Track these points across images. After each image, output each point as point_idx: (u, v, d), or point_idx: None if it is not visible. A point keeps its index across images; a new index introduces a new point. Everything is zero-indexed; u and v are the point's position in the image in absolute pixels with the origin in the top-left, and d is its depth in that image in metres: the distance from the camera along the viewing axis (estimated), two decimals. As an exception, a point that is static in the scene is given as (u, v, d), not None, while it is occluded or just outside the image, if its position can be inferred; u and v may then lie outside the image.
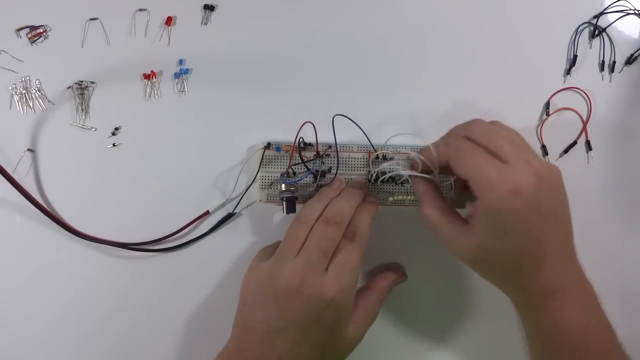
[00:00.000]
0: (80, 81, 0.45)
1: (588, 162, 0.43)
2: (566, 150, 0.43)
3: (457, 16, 0.45)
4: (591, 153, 0.43)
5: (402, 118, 0.44)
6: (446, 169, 0.36)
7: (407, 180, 0.41)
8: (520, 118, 0.44)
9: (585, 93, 0.44)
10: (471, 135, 0.34)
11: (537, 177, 0.32)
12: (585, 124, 0.44)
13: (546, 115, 0.44)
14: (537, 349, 0.36)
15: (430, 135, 0.40)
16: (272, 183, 0.43)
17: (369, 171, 0.42)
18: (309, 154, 0.42)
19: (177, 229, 0.43)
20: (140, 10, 0.46)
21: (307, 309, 0.34)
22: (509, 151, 0.32)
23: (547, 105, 0.44)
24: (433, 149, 0.36)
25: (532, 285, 0.34)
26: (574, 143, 0.43)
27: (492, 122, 0.37)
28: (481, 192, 0.32)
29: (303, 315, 0.34)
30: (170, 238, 0.44)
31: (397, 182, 0.42)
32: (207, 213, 0.44)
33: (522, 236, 0.32)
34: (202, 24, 0.46)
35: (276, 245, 0.38)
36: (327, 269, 0.36)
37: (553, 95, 0.44)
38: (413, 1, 0.45)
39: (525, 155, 0.33)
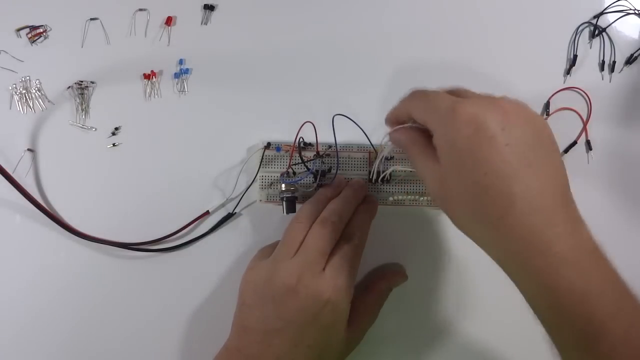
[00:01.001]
0: (80, 81, 0.45)
1: (588, 162, 0.43)
2: (566, 150, 0.43)
3: (457, 16, 0.45)
4: (591, 153, 0.43)
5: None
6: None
7: (406, 179, 0.42)
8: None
9: (585, 93, 0.44)
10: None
11: (498, 109, 0.28)
12: (585, 124, 0.44)
13: (546, 115, 0.44)
14: (540, 318, 0.31)
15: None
16: (272, 183, 0.43)
17: (369, 171, 0.42)
18: (309, 154, 0.42)
19: (177, 229, 0.43)
20: (140, 10, 0.46)
21: (303, 309, 0.34)
22: (470, 91, 0.30)
23: (547, 105, 0.44)
24: (395, 108, 0.35)
25: (505, 232, 0.28)
26: (574, 143, 0.43)
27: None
28: (435, 125, 0.30)
29: (300, 315, 0.34)
30: (170, 238, 0.44)
31: (395, 181, 0.42)
32: (207, 213, 0.44)
33: (480, 167, 0.28)
34: (202, 24, 0.46)
35: (275, 245, 0.38)
36: (324, 269, 0.36)
37: (553, 95, 0.44)
38: (414, 2, 0.45)
39: (494, 97, 0.30)
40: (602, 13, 0.44)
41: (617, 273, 0.29)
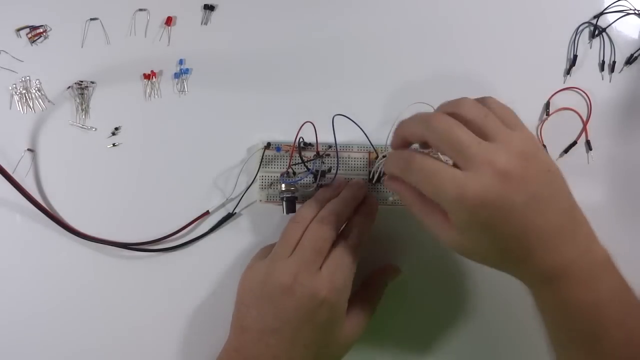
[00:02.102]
0: (80, 81, 0.45)
1: (588, 162, 0.43)
2: (566, 150, 0.43)
3: (457, 16, 0.45)
4: (591, 153, 0.43)
5: (402, 118, 0.44)
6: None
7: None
8: (521, 118, 0.44)
9: (585, 93, 0.44)
10: (418, 135, 0.33)
11: (504, 179, 0.29)
12: (585, 124, 0.44)
13: (546, 115, 0.44)
14: (552, 330, 0.34)
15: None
16: (272, 183, 0.43)
17: (369, 171, 0.42)
18: (309, 154, 0.42)
19: (177, 229, 0.43)
20: (140, 10, 0.46)
21: (299, 308, 0.34)
22: (466, 153, 0.30)
23: (547, 105, 0.44)
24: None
25: (526, 273, 0.33)
26: (574, 143, 0.43)
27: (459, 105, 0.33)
28: (446, 206, 0.31)
29: (296, 314, 0.34)
30: (170, 238, 0.44)
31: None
32: (207, 213, 0.44)
33: (499, 239, 0.31)
34: (202, 24, 0.46)
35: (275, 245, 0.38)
36: (321, 268, 0.36)
37: (553, 95, 0.44)
38: (414, 1, 0.45)
39: (491, 154, 0.30)
40: (602, 13, 0.44)
41: (624, 281, 0.32)
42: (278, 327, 0.34)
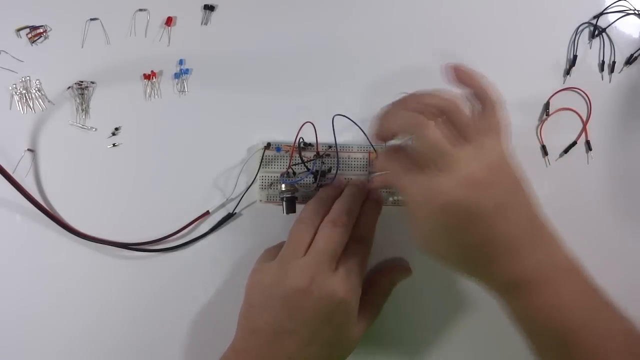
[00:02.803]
0: (80, 81, 0.45)
1: (588, 162, 0.43)
2: (566, 151, 0.43)
3: (457, 16, 0.45)
4: (591, 153, 0.43)
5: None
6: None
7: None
8: (520, 118, 0.44)
9: (585, 93, 0.44)
10: (401, 129, 0.33)
11: (470, 186, 0.30)
12: (585, 124, 0.44)
13: (546, 115, 0.44)
14: (526, 338, 0.34)
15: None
16: (272, 183, 0.43)
17: (369, 172, 0.42)
18: (309, 154, 0.42)
19: (177, 229, 0.43)
20: (140, 10, 0.46)
21: (317, 309, 0.34)
22: (436, 155, 0.31)
23: (547, 105, 0.44)
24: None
25: (489, 280, 0.33)
26: (574, 143, 0.43)
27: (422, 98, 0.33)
28: (411, 209, 0.33)
29: (313, 315, 0.34)
30: (170, 238, 0.44)
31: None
32: (207, 213, 0.44)
33: (461, 245, 0.32)
34: (202, 24, 0.46)
35: (280, 246, 0.38)
36: (335, 269, 0.36)
37: (553, 95, 0.44)
38: (413, 2, 0.45)
39: (460, 159, 0.30)
40: (602, 13, 0.44)
41: (591, 286, 0.32)
42: (293, 328, 0.34)
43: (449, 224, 0.31)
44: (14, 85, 0.45)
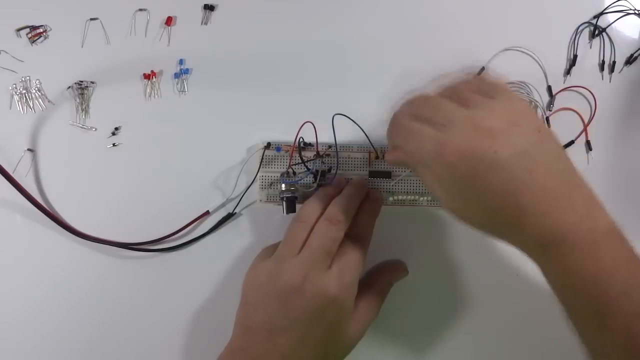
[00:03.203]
0: (80, 81, 0.45)
1: (588, 163, 0.43)
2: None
3: (457, 16, 0.45)
4: (591, 153, 0.43)
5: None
6: None
7: (406, 179, 0.42)
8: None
9: (590, 92, 0.44)
10: (410, 111, 0.33)
11: (482, 133, 0.29)
12: (586, 124, 0.44)
13: (547, 115, 0.44)
14: (563, 305, 0.32)
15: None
16: (272, 183, 0.43)
17: (369, 172, 0.42)
18: (309, 154, 0.42)
19: (177, 229, 0.43)
20: (140, 10, 0.46)
21: (310, 306, 0.34)
22: (447, 115, 0.30)
23: (548, 105, 0.44)
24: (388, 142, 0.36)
25: (520, 238, 0.31)
26: (571, 142, 0.43)
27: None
28: (428, 167, 0.31)
29: (306, 313, 0.34)
30: (170, 238, 0.44)
31: (395, 180, 0.42)
32: (207, 213, 0.44)
33: (485, 195, 0.30)
34: (202, 24, 0.46)
35: (278, 245, 0.38)
36: (329, 267, 0.36)
37: (556, 94, 0.44)
38: (413, 2, 0.45)
39: (472, 113, 0.30)
40: (602, 13, 0.44)
41: (631, 251, 0.30)
42: (287, 326, 0.34)
43: (466, 177, 0.29)
44: (14, 85, 0.45)
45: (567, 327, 0.31)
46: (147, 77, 0.45)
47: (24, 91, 0.45)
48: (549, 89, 0.44)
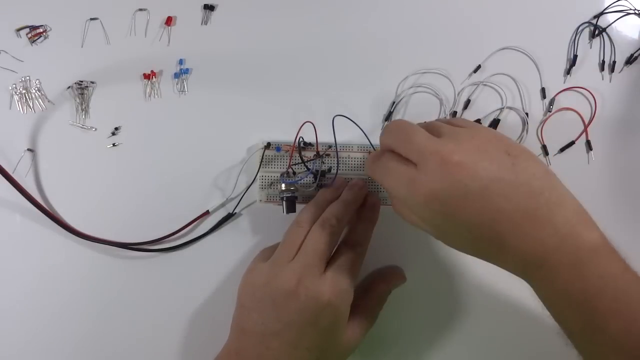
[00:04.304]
0: (80, 81, 0.45)
1: (588, 163, 0.43)
2: (562, 149, 0.43)
3: (457, 17, 0.45)
4: (591, 153, 0.43)
5: (402, 117, 0.44)
6: None
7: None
8: (521, 118, 0.44)
9: (590, 92, 0.44)
10: (386, 144, 0.34)
11: (452, 169, 0.29)
12: (586, 124, 0.43)
13: (547, 115, 0.44)
14: (556, 321, 0.32)
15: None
16: (272, 183, 0.43)
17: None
18: (309, 154, 0.42)
19: (177, 229, 0.43)
20: (140, 10, 0.46)
21: (303, 311, 0.34)
22: (417, 149, 0.31)
23: (548, 105, 0.44)
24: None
25: (505, 261, 0.31)
26: (572, 143, 0.43)
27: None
28: (405, 204, 0.32)
29: (299, 317, 0.34)
30: (170, 238, 0.44)
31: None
32: (207, 213, 0.44)
33: (465, 227, 0.30)
34: (202, 24, 0.46)
35: (276, 247, 0.38)
36: (325, 272, 0.36)
37: (555, 95, 0.44)
38: (414, 2, 0.45)
39: (439, 146, 0.30)
40: (602, 13, 0.44)
41: (621, 265, 0.30)
42: (280, 330, 0.34)
43: (441, 212, 0.30)
44: (14, 85, 0.45)
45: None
46: (147, 77, 0.45)
47: (24, 91, 0.45)
48: (543, 90, 0.44)
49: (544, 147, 0.43)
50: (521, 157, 0.31)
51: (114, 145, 0.45)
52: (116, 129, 0.45)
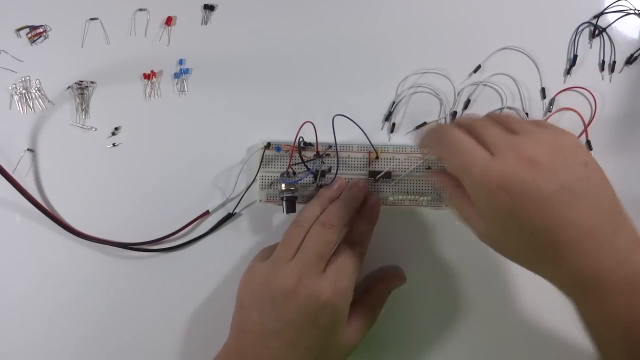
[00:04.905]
0: (80, 81, 0.45)
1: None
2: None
3: (457, 17, 0.45)
4: (592, 153, 0.43)
5: (402, 117, 0.44)
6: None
7: (406, 179, 0.42)
8: (521, 119, 0.44)
9: (590, 92, 0.43)
10: (462, 123, 0.33)
11: (526, 163, 0.29)
12: (586, 124, 0.43)
13: (547, 115, 0.44)
14: (587, 332, 0.31)
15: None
16: (272, 183, 0.43)
17: (369, 171, 0.42)
18: (309, 154, 0.42)
19: (177, 229, 0.43)
20: (140, 10, 0.46)
21: (302, 310, 0.34)
22: (494, 139, 0.30)
23: (549, 105, 0.44)
24: (421, 143, 0.35)
25: (557, 275, 0.30)
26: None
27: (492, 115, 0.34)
28: (470, 190, 0.31)
29: (298, 316, 0.34)
30: (170, 238, 0.44)
31: (395, 181, 0.42)
32: (207, 213, 0.44)
33: (525, 228, 0.29)
34: (202, 24, 0.46)
35: (276, 246, 0.38)
36: (324, 271, 0.36)
37: (556, 95, 0.44)
38: (413, 2, 0.45)
39: (518, 141, 0.30)
40: (602, 13, 0.44)
41: None
42: (279, 329, 0.34)
43: (506, 207, 0.29)
44: (14, 85, 0.45)
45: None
46: (147, 77, 0.45)
47: (24, 91, 0.45)
48: (543, 90, 0.44)
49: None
50: (597, 172, 0.30)
51: (114, 145, 0.45)
52: (116, 129, 0.45)
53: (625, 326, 0.28)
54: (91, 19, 0.46)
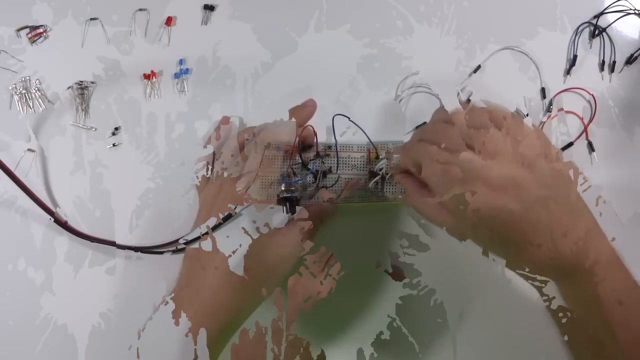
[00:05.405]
0: (80, 81, 0.45)
1: (592, 164, 0.43)
2: (562, 150, 0.43)
3: (457, 17, 0.45)
4: (594, 154, 0.43)
5: (402, 117, 0.44)
6: None
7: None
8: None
9: (590, 93, 0.43)
10: (423, 137, 0.34)
11: (497, 195, 0.31)
12: (586, 125, 0.43)
13: (548, 115, 0.44)
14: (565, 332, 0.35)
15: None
16: (272, 183, 0.43)
17: (369, 170, 0.42)
18: (309, 154, 0.42)
19: (177, 230, 0.43)
20: (140, 10, 0.46)
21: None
22: (463, 166, 0.31)
23: (549, 105, 0.44)
24: (396, 157, 0.37)
25: (522, 264, 0.33)
26: (571, 144, 0.43)
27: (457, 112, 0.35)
28: (439, 192, 0.32)
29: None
30: (170, 239, 0.43)
31: (387, 181, 0.42)
32: (207, 213, 0.44)
33: (493, 232, 0.32)
34: (202, 24, 0.46)
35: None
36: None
37: (555, 95, 0.44)
38: (412, 2, 0.45)
39: (485, 167, 0.31)
40: (602, 13, 0.44)
41: (631, 281, 0.32)
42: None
43: (485, 226, 0.31)
44: (14, 85, 0.45)
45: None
46: (147, 77, 0.45)
47: (24, 91, 0.45)
48: (543, 90, 0.44)
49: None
50: (557, 174, 0.32)
51: (114, 145, 0.45)
52: (116, 129, 0.45)
53: (591, 309, 0.31)
54: (91, 19, 0.46)
